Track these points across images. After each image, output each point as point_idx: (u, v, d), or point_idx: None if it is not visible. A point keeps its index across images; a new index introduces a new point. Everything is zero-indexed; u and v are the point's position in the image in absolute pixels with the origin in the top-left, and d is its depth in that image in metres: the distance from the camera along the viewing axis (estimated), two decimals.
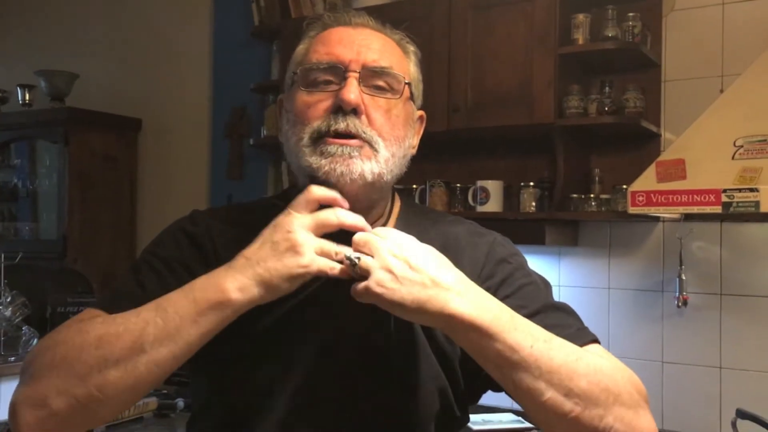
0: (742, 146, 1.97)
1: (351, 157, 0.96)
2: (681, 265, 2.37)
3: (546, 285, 1.09)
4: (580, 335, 0.97)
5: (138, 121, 3.69)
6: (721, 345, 2.38)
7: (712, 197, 1.92)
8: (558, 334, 0.92)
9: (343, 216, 0.94)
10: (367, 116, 0.99)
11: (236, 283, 0.90)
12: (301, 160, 0.99)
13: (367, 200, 1.02)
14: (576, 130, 2.42)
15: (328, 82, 1.01)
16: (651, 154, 2.41)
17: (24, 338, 2.59)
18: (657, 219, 2.47)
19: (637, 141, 2.50)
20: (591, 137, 2.54)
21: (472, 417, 1.14)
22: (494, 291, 0.99)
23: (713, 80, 2.39)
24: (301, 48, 1.08)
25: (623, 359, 0.97)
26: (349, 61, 1.00)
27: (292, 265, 0.90)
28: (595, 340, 0.98)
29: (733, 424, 2.09)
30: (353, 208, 0.97)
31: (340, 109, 0.97)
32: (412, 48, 1.10)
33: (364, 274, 0.89)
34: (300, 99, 1.02)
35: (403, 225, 1.06)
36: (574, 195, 2.44)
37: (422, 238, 0.98)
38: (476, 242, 1.09)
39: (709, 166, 1.99)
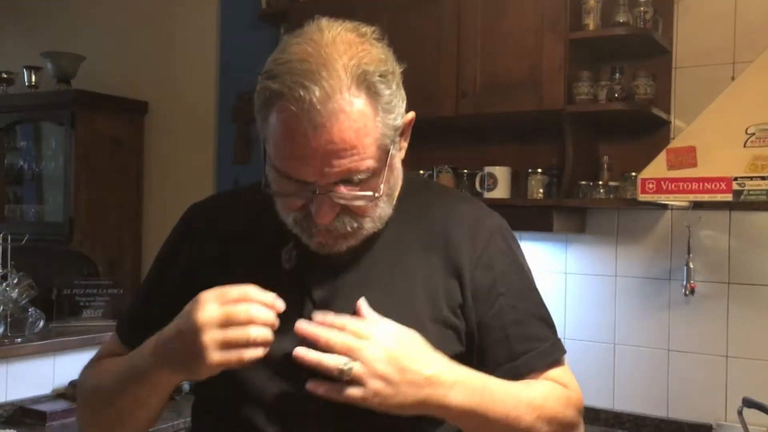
0: (753, 134, 1.95)
1: (336, 243, 1.00)
2: (689, 254, 2.36)
3: (531, 278, 1.14)
4: (553, 350, 1.10)
5: (144, 104, 3.68)
6: (728, 333, 2.37)
7: (722, 185, 1.91)
8: (537, 346, 1.07)
9: (255, 313, 0.91)
10: (347, 211, 0.97)
11: (159, 368, 0.98)
12: (289, 226, 1.01)
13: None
14: (585, 117, 2.40)
15: (299, 183, 0.95)
16: (660, 141, 2.39)
17: (30, 320, 2.59)
18: (665, 207, 2.46)
19: (646, 128, 2.48)
20: (600, 124, 2.52)
21: None
22: (491, 283, 1.06)
23: (725, 67, 2.37)
24: (260, 118, 0.97)
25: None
26: (314, 182, 0.93)
27: (196, 367, 0.93)
28: (563, 355, 1.11)
29: (740, 413, 2.09)
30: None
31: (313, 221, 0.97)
32: (384, 89, 0.94)
33: (355, 382, 0.92)
34: (275, 182, 0.97)
35: (405, 203, 1.09)
36: (583, 182, 2.43)
37: (424, 217, 1.07)
38: (479, 225, 1.10)
39: (720, 153, 1.98)
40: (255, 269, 1.03)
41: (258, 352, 0.91)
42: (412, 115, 1.03)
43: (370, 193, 0.96)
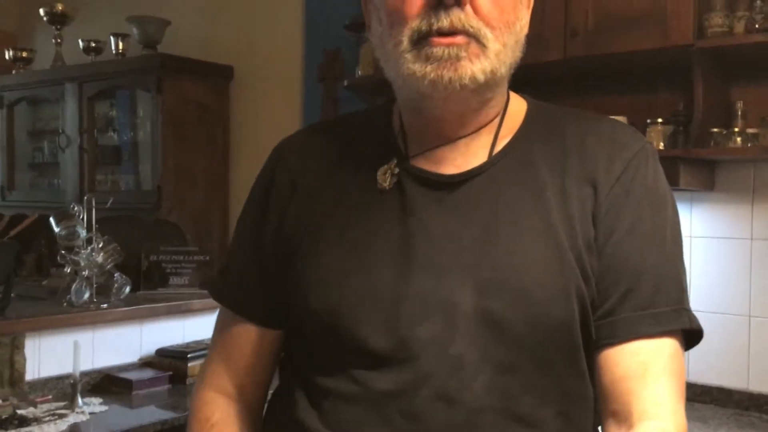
0: None
1: (459, 60, 0.85)
2: None
3: (669, 220, 0.92)
4: (675, 318, 0.88)
5: (230, 69, 3.57)
6: None
7: None
8: (658, 306, 0.87)
9: None
10: (472, 4, 0.85)
11: None
12: (402, 68, 0.88)
13: (478, 102, 0.91)
14: (719, 54, 2.09)
15: None
16: None
17: (117, 285, 2.52)
18: None
19: None
20: (735, 62, 2.19)
21: None
22: (619, 211, 0.88)
23: None
24: None
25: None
26: None
27: None
28: (684, 326, 0.88)
29: None
30: (462, 114, 0.90)
31: (441, 2, 0.84)
32: None
33: None
34: None
35: (533, 124, 0.95)
36: (715, 129, 2.12)
37: (552, 137, 0.93)
38: (622, 145, 0.93)
39: None
40: (349, 193, 0.94)
41: None
42: None
43: None
